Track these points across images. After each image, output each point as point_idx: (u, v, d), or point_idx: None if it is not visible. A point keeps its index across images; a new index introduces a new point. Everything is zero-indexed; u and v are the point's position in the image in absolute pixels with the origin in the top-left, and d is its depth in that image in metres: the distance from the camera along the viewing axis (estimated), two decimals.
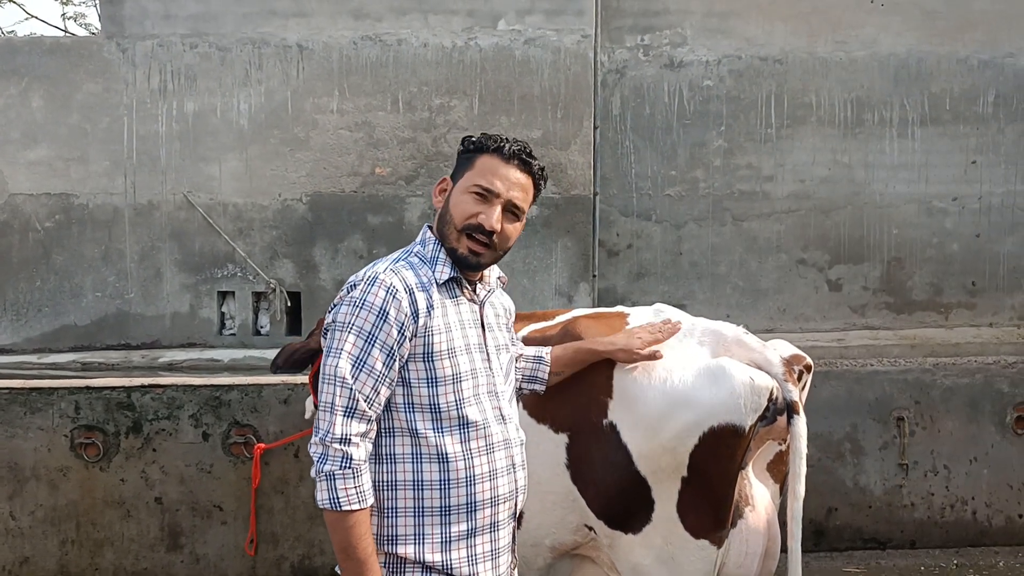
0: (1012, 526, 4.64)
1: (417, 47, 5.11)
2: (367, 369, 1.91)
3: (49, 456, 4.23)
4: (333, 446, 1.87)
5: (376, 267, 2.02)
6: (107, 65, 5.13)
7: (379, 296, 1.94)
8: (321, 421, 1.90)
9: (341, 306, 1.98)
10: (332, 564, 4.28)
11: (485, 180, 2.05)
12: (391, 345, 1.93)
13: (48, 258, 5.17)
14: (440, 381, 1.98)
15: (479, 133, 2.16)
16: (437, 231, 2.09)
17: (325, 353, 1.95)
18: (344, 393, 1.90)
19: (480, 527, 2.01)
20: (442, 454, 1.96)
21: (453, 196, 2.07)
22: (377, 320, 1.93)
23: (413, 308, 1.96)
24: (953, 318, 5.37)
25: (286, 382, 4.27)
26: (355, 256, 5.16)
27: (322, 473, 1.88)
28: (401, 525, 1.95)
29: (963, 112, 5.35)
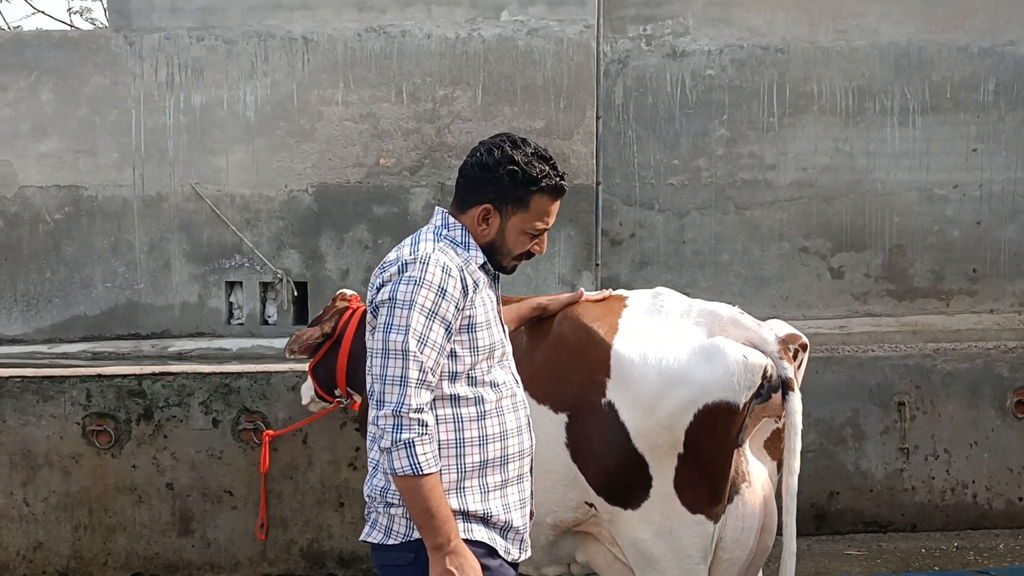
0: (1012, 509, 4.69)
1: (421, 38, 5.16)
2: (430, 343, 2.04)
3: (62, 443, 4.31)
4: (410, 416, 1.99)
5: (422, 248, 2.12)
6: (115, 58, 5.20)
7: (436, 275, 2.06)
8: (389, 394, 2.01)
9: (399, 285, 2.06)
10: (340, 548, 4.36)
11: (542, 223, 2.22)
12: (449, 320, 2.07)
13: (58, 249, 5.24)
14: (481, 350, 2.15)
15: (521, 157, 2.18)
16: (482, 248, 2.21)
17: (383, 329, 2.05)
18: (415, 366, 2.01)
19: (511, 478, 2.18)
20: (480, 413, 2.13)
21: (509, 234, 2.20)
22: (436, 297, 2.05)
23: (463, 285, 2.11)
24: (954, 305, 5.40)
25: (294, 369, 4.34)
26: (360, 246, 5.22)
27: (400, 442, 1.98)
28: (445, 481, 2.08)
29: (964, 100, 5.37)
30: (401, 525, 2.11)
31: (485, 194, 2.17)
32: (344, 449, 4.33)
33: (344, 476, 4.34)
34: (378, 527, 2.15)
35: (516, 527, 2.18)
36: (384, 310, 2.08)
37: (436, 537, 2.00)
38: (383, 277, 2.12)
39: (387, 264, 2.15)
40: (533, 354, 2.68)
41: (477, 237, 2.20)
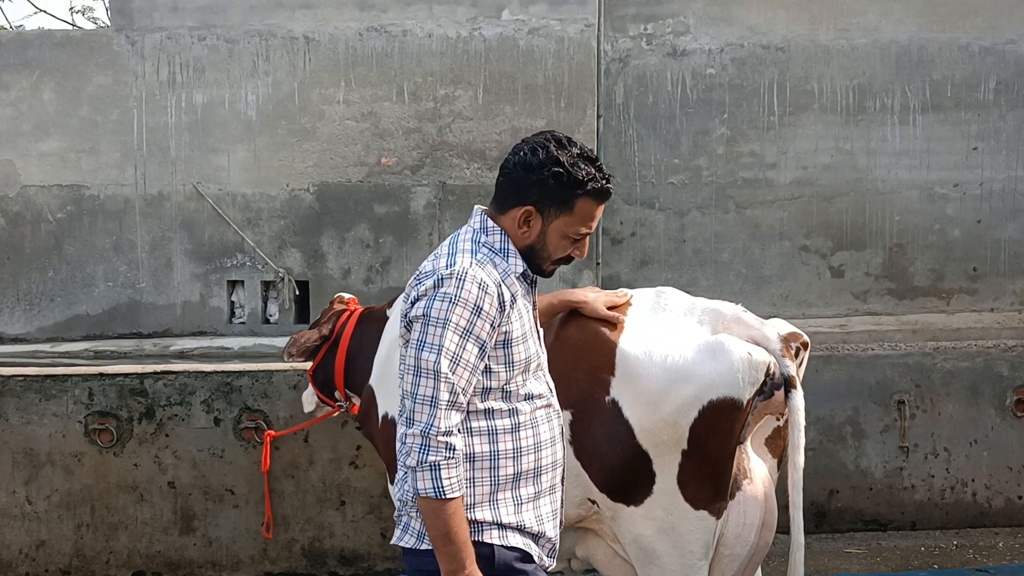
0: (1011, 507, 4.70)
1: (422, 37, 5.17)
2: (463, 363, 2.00)
3: (64, 442, 4.32)
4: (438, 439, 1.97)
5: (459, 260, 2.06)
6: (117, 57, 5.20)
7: (472, 292, 2.01)
8: (418, 413, 1.99)
9: (433, 301, 2.01)
10: (341, 547, 4.36)
11: (585, 227, 2.13)
12: (484, 339, 2.02)
13: (60, 248, 5.25)
14: (516, 365, 2.10)
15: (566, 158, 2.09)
16: (520, 251, 2.14)
17: (416, 346, 2.01)
18: (446, 388, 1.98)
19: (544, 489, 2.16)
20: (514, 425, 2.10)
21: (551, 238, 2.13)
22: (471, 316, 2.00)
23: (501, 301, 2.05)
24: (954, 303, 5.41)
25: (296, 368, 4.34)
26: (362, 245, 5.23)
27: (426, 464, 1.96)
28: (479, 493, 2.07)
29: (964, 99, 5.38)
30: None
31: (528, 195, 2.10)
32: (345, 448, 4.33)
33: (345, 475, 4.34)
34: (410, 531, 2.12)
35: (549, 536, 2.16)
36: (418, 326, 2.03)
37: (452, 563, 1.98)
38: (418, 291, 2.06)
39: (423, 276, 2.09)
40: None
41: (516, 240, 2.14)
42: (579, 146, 2.13)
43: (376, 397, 3.30)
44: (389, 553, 4.36)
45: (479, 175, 5.21)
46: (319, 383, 3.60)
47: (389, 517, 4.20)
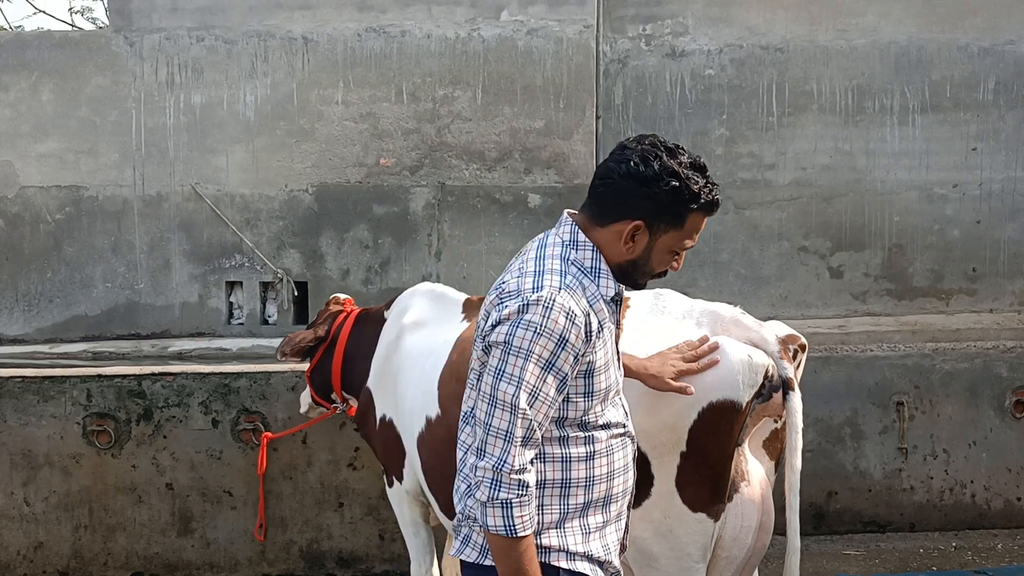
0: (1010, 509, 4.69)
1: (421, 38, 5.16)
2: (543, 397, 1.89)
3: (62, 443, 4.32)
4: (511, 475, 1.88)
5: (547, 282, 1.91)
6: (115, 58, 5.20)
7: (559, 323, 1.87)
8: (492, 447, 1.89)
9: (517, 328, 1.88)
10: (339, 548, 4.36)
11: (691, 240, 2.00)
12: (566, 372, 1.91)
13: (59, 249, 5.25)
14: (596, 395, 2.00)
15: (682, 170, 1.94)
16: (618, 266, 2.00)
17: (494, 375, 1.89)
18: (523, 424, 1.88)
19: (611, 518, 2.07)
20: (589, 453, 2.00)
21: (656, 253, 1.99)
22: (556, 348, 1.88)
23: (588, 332, 1.92)
24: (954, 304, 5.41)
25: (294, 370, 4.34)
26: (361, 246, 5.23)
27: (497, 500, 1.87)
28: (547, 520, 1.98)
29: (963, 99, 5.37)
30: None
31: (637, 209, 1.94)
32: (343, 449, 4.33)
33: (343, 476, 4.34)
34: (472, 545, 2.03)
35: (616, 566, 2.09)
36: (498, 353, 1.90)
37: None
38: (500, 313, 1.91)
39: (506, 296, 1.93)
40: None
41: (614, 255, 1.99)
42: (688, 153, 1.99)
43: (374, 399, 3.30)
44: (387, 555, 4.36)
45: (478, 176, 5.21)
46: (316, 385, 3.60)
47: (387, 519, 4.20)
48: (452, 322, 3.13)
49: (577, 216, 2.04)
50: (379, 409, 3.27)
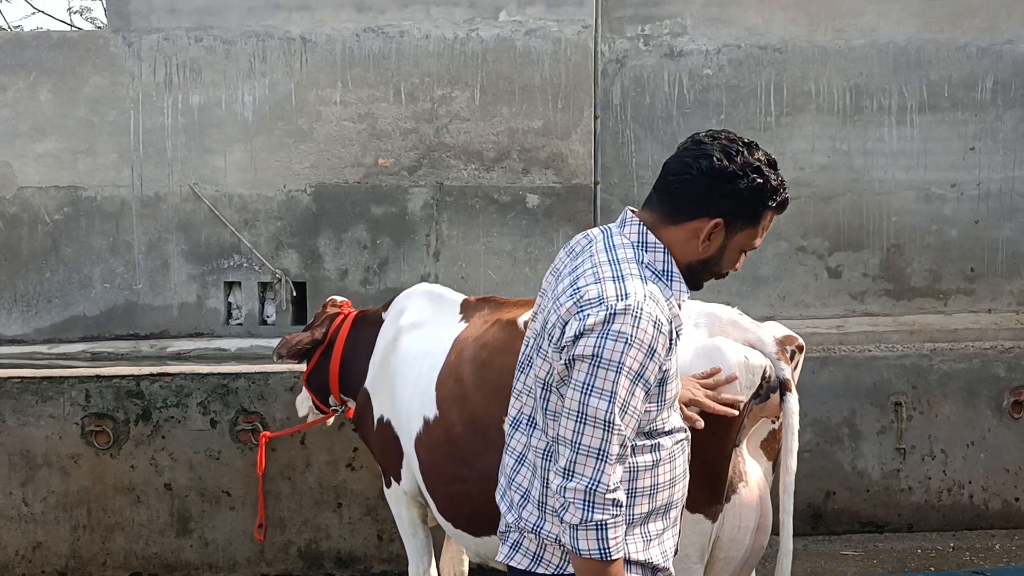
0: (1008, 509, 4.70)
1: (419, 38, 5.16)
2: (631, 411, 1.81)
3: (60, 443, 4.32)
4: (605, 496, 1.79)
5: (631, 289, 1.82)
6: (113, 59, 5.20)
7: (648, 332, 1.79)
8: (582, 466, 1.79)
9: (606, 341, 1.77)
10: (338, 548, 4.36)
11: (759, 239, 1.96)
12: (652, 382, 1.84)
13: (57, 250, 5.25)
14: (667, 401, 1.94)
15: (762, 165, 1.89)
16: (687, 266, 1.94)
17: (583, 390, 1.79)
18: (616, 441, 1.79)
19: (670, 523, 2.03)
20: (655, 461, 1.95)
21: (729, 252, 1.94)
22: (645, 359, 1.79)
23: (670, 340, 1.86)
24: (952, 304, 5.41)
25: (292, 370, 4.34)
26: (359, 246, 5.23)
27: (591, 522, 1.78)
28: None
29: (962, 99, 5.38)
30: (555, 555, 1.94)
31: (715, 206, 1.86)
32: (342, 450, 4.33)
33: (342, 476, 4.34)
34: (523, 551, 1.98)
35: (672, 572, 2.04)
36: (585, 367, 1.78)
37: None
38: (583, 323, 1.79)
39: (587, 304, 1.81)
40: None
41: (684, 255, 1.92)
42: (760, 148, 1.92)
43: (371, 400, 3.30)
44: (385, 555, 4.36)
45: (476, 176, 5.21)
46: (314, 388, 3.59)
47: (386, 519, 4.20)
48: (450, 323, 3.13)
49: (643, 214, 1.95)
50: (377, 410, 3.27)
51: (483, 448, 2.72)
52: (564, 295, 1.87)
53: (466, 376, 2.83)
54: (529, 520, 1.96)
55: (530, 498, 1.98)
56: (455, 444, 2.81)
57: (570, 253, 2.01)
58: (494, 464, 2.70)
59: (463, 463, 2.78)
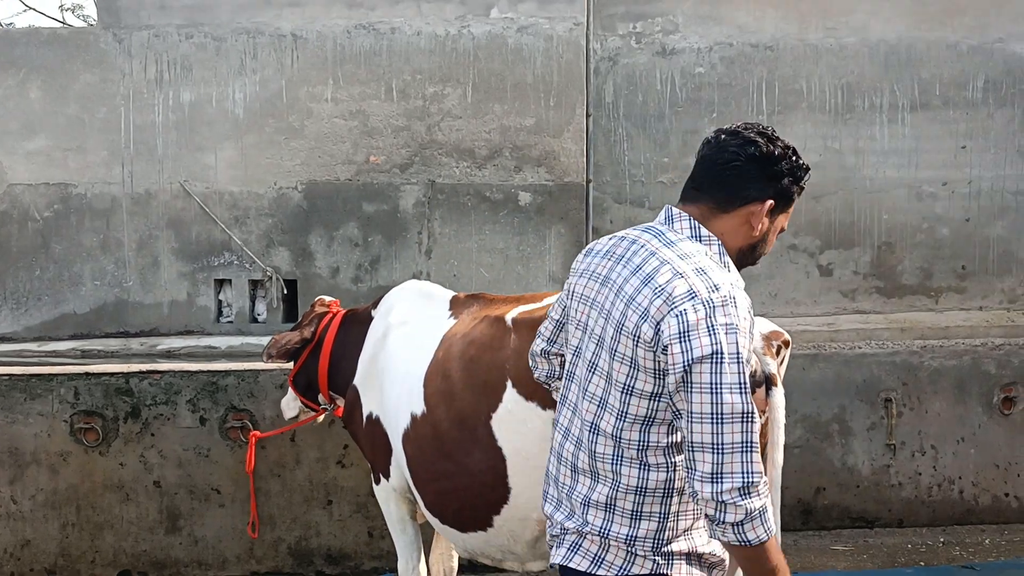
0: (998, 504, 4.71)
1: (410, 35, 5.15)
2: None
3: (49, 441, 4.30)
4: (759, 484, 1.78)
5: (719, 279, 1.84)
6: (104, 55, 5.18)
7: (746, 319, 1.83)
8: (730, 465, 1.76)
9: (721, 335, 1.78)
10: (328, 546, 4.35)
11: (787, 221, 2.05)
12: None
13: (47, 247, 5.23)
14: None
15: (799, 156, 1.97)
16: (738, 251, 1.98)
17: (715, 391, 1.76)
18: (755, 427, 1.79)
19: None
20: None
21: (771, 235, 2.01)
22: (747, 342, 1.83)
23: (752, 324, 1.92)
24: (943, 302, 5.42)
25: (282, 368, 4.33)
26: (350, 244, 5.22)
27: (755, 511, 1.77)
28: (681, 527, 1.94)
29: (953, 97, 5.39)
30: (618, 557, 1.93)
31: (764, 190, 1.92)
32: (332, 447, 4.32)
33: (332, 474, 4.33)
34: (582, 552, 1.97)
35: (725, 562, 2.03)
36: (708, 367, 1.76)
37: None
38: (684, 320, 1.79)
39: (678, 300, 1.80)
40: (522, 352, 2.68)
41: (736, 241, 1.96)
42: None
43: (361, 397, 3.29)
44: (376, 552, 4.35)
45: (468, 173, 5.21)
46: (301, 387, 3.59)
47: (376, 516, 4.19)
48: (439, 319, 3.13)
49: (689, 209, 1.97)
50: (366, 407, 3.26)
51: (470, 444, 2.72)
52: (643, 295, 1.85)
53: (453, 372, 2.82)
54: (595, 523, 1.95)
55: (593, 503, 1.96)
56: (442, 440, 2.81)
57: (610, 257, 1.99)
58: (481, 460, 2.71)
59: (450, 459, 2.78)
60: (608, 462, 1.93)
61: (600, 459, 1.94)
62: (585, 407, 1.98)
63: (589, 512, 1.96)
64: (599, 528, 1.95)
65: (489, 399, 2.70)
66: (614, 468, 1.93)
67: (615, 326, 1.89)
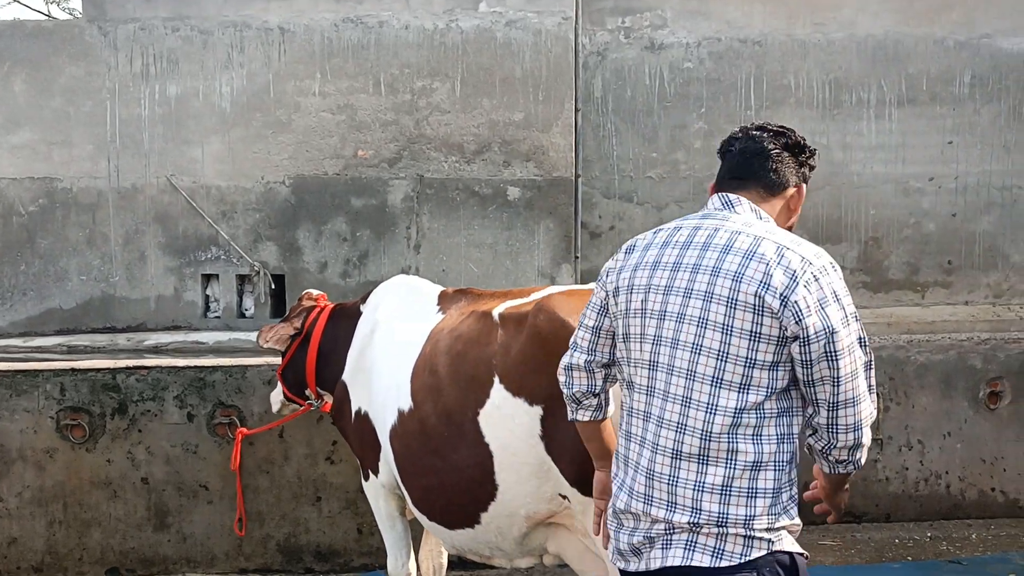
0: (985, 499, 4.74)
1: (398, 29, 5.13)
2: None
3: (35, 438, 4.27)
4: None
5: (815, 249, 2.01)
6: (89, 48, 5.14)
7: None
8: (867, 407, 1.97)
9: (845, 299, 1.95)
10: (317, 542, 4.34)
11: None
12: None
13: (32, 242, 5.19)
14: None
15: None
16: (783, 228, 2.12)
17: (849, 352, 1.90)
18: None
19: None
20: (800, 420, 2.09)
21: (797, 215, 2.19)
22: None
23: None
24: (929, 296, 5.45)
25: (270, 363, 4.31)
26: (339, 238, 5.20)
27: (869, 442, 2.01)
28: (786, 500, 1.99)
29: (940, 93, 5.41)
30: (737, 544, 1.94)
31: (797, 176, 2.14)
32: (321, 443, 4.31)
33: (321, 470, 4.32)
34: (700, 549, 1.95)
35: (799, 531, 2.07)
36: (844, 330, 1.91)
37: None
38: (816, 290, 1.92)
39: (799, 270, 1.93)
40: (509, 348, 2.68)
41: (781, 222, 2.13)
42: None
43: (349, 393, 3.29)
44: (365, 548, 4.34)
45: (457, 168, 5.19)
46: (289, 382, 3.57)
47: (365, 512, 4.18)
48: (427, 315, 3.12)
49: (744, 195, 2.11)
50: (354, 402, 3.25)
51: (456, 440, 2.71)
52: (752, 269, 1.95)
53: (440, 368, 2.81)
54: (712, 509, 1.95)
55: (707, 487, 1.96)
56: (429, 436, 2.80)
57: (674, 245, 2.05)
58: (467, 457, 2.70)
59: (436, 455, 2.77)
60: (724, 440, 1.95)
61: (715, 439, 1.95)
62: (687, 388, 1.98)
63: (703, 499, 1.95)
64: (717, 514, 1.94)
65: (476, 395, 2.69)
66: (731, 446, 1.95)
67: (726, 303, 1.95)
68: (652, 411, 2.04)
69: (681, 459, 1.98)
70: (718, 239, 2.01)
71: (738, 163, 2.14)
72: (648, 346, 2.05)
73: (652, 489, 2.01)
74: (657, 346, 2.03)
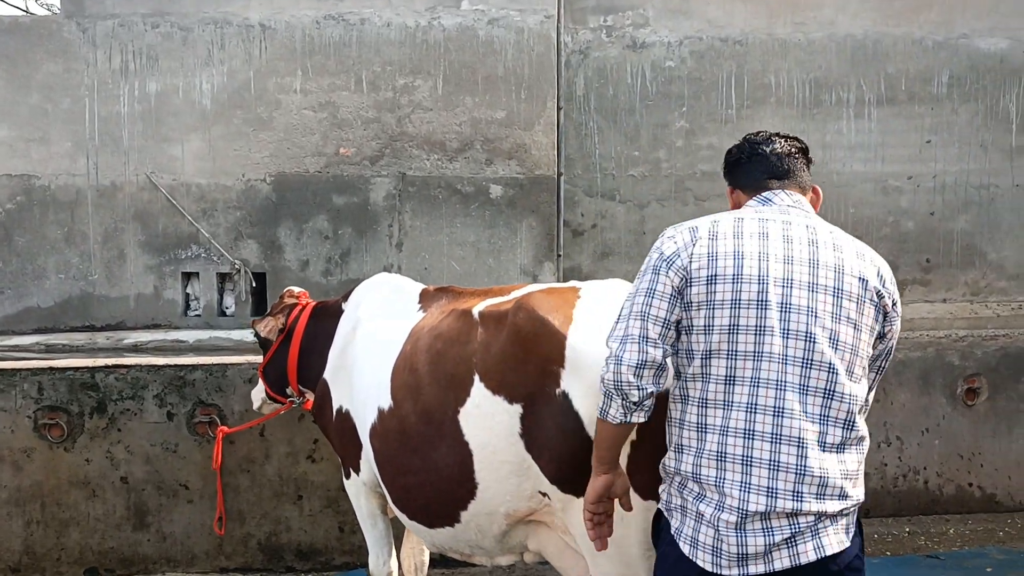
0: (962, 494, 4.79)
1: (380, 26, 5.12)
2: None
3: (12, 437, 4.23)
4: None
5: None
6: (67, 45, 5.09)
7: None
8: None
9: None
10: (298, 541, 4.33)
11: None
12: None
13: (10, 240, 5.13)
14: None
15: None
16: None
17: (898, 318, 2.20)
18: None
19: None
20: None
21: None
22: None
23: None
24: (908, 294, 5.50)
25: (250, 362, 4.30)
26: (320, 237, 5.18)
27: None
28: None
29: (918, 93, 5.46)
30: (852, 521, 2.13)
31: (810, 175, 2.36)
32: (302, 441, 4.30)
33: (302, 468, 4.31)
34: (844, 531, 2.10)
35: None
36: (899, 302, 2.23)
37: None
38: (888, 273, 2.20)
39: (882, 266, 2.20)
40: (489, 346, 2.68)
41: None
42: None
43: (331, 391, 3.28)
44: (347, 547, 4.34)
45: (439, 166, 5.19)
46: (270, 379, 3.56)
47: (347, 511, 4.18)
48: (408, 313, 3.11)
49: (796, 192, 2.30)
50: (335, 401, 3.25)
51: (436, 439, 2.71)
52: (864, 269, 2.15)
53: (420, 366, 2.81)
54: (856, 493, 2.09)
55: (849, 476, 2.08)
56: (408, 435, 2.80)
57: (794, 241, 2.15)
58: (447, 455, 2.70)
59: (416, 454, 2.77)
60: (858, 429, 2.10)
61: (854, 429, 2.09)
62: (830, 381, 2.07)
63: (847, 485, 2.06)
64: (855, 498, 2.09)
65: (456, 393, 2.69)
66: (860, 433, 2.11)
67: (855, 299, 2.11)
68: (768, 403, 2.07)
69: (805, 446, 2.04)
70: (821, 236, 2.17)
71: (773, 163, 2.30)
72: (769, 338, 2.08)
73: (775, 481, 2.05)
74: (760, 336, 2.08)
